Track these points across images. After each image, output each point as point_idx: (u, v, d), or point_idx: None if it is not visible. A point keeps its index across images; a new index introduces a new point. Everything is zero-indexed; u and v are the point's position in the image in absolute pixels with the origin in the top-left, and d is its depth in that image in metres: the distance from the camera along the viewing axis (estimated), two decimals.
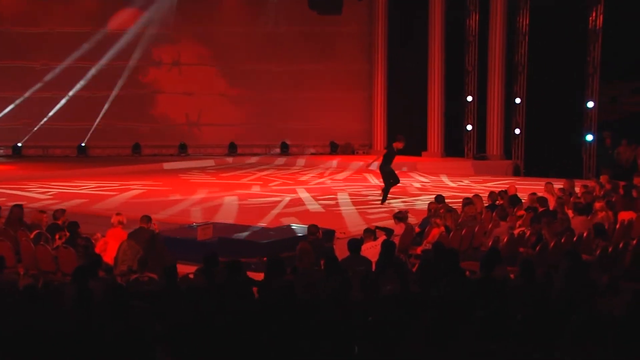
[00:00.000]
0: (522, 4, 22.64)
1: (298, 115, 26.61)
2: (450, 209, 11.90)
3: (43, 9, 25.41)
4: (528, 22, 22.63)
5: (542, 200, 12.09)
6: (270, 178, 20.20)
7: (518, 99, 22.89)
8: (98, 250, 9.62)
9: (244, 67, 26.29)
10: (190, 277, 8.13)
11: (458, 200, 13.32)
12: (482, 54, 23.68)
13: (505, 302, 6.20)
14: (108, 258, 9.52)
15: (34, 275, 9.58)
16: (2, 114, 25.26)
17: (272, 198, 16.19)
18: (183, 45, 26.27)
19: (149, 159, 24.76)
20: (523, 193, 14.36)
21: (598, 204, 11.68)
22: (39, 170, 21.17)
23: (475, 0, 23.78)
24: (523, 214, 12.06)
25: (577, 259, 7.54)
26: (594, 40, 21.30)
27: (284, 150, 26.67)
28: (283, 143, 26.74)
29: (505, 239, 9.99)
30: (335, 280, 7.14)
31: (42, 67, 25.36)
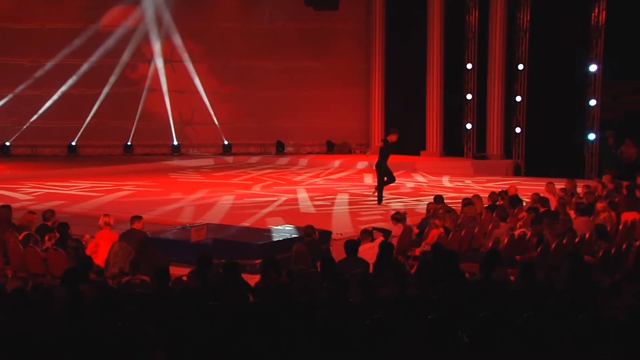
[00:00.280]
0: (522, 0, 22.67)
1: (294, 114, 26.62)
2: (450, 210, 11.91)
3: (32, 4, 25.36)
4: (529, 18, 22.66)
5: (543, 201, 12.10)
6: (263, 178, 20.16)
7: (519, 97, 22.92)
8: (89, 252, 9.61)
9: (239, 64, 26.29)
10: (184, 279, 8.13)
11: (457, 201, 13.33)
12: (482, 51, 23.71)
13: (505, 304, 6.20)
14: (99, 260, 9.51)
15: (23, 278, 9.56)
16: None
17: (268, 198, 16.19)
18: (176, 42, 26.22)
19: (141, 159, 24.73)
20: (524, 193, 14.38)
21: (600, 205, 11.70)
22: (28, 170, 21.11)
23: None
24: (524, 215, 12.08)
25: (578, 261, 7.55)
26: (597, 37, 21.34)
27: (280, 150, 26.67)
28: (279, 142, 26.74)
29: (506, 240, 10.00)
30: (332, 283, 7.14)
31: (30, 63, 25.33)
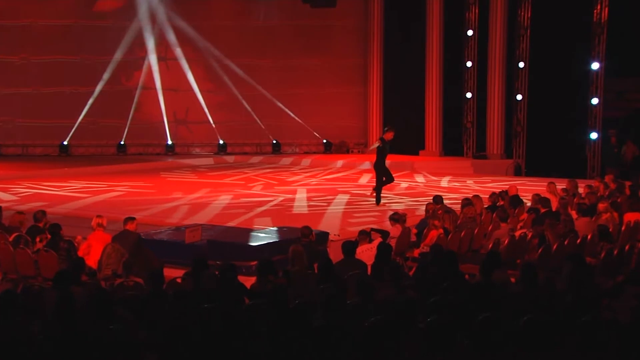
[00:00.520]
0: None
1: (290, 113, 26.60)
2: (449, 210, 11.92)
3: (22, 0, 25.29)
4: (530, 15, 22.69)
5: (544, 201, 12.11)
6: (258, 178, 20.13)
7: (519, 96, 22.95)
8: (81, 254, 9.59)
9: (234, 62, 26.25)
10: (178, 281, 8.13)
11: (456, 201, 13.34)
12: (482, 49, 23.73)
13: (506, 307, 6.21)
14: (91, 262, 9.50)
15: (13, 280, 9.55)
16: None
17: (265, 198, 16.20)
18: (171, 39, 26.18)
19: (135, 159, 24.70)
20: (524, 194, 14.39)
21: (602, 205, 11.71)
22: (18, 170, 21.06)
23: None
24: (525, 216, 12.10)
25: (580, 262, 7.56)
26: (599, 34, 21.37)
27: (276, 150, 26.66)
28: (275, 142, 26.73)
29: (506, 242, 10.01)
30: (329, 284, 7.15)
31: (21, 61, 25.27)
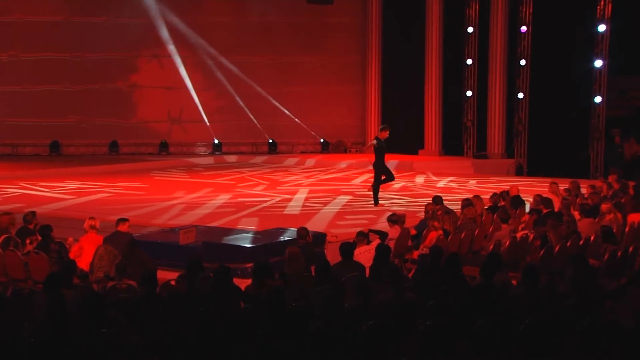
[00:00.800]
0: None
1: (287, 111, 26.61)
2: (449, 211, 11.93)
3: None
4: (531, 11, 22.71)
5: (546, 202, 12.13)
6: (251, 178, 20.12)
7: (521, 94, 22.97)
8: (72, 256, 9.58)
9: (229, 59, 26.25)
10: (172, 283, 8.13)
11: (456, 202, 13.35)
12: (482, 46, 23.76)
13: (507, 310, 6.22)
14: (83, 264, 9.48)
15: (3, 283, 9.52)
16: None
17: (261, 199, 16.23)
18: (165, 37, 26.16)
19: (127, 158, 24.68)
20: (526, 194, 14.41)
21: (606, 206, 11.73)
22: (7, 170, 21.02)
23: None
24: (526, 217, 12.11)
25: (583, 264, 7.58)
26: (602, 31, 21.38)
27: (272, 149, 26.67)
28: (271, 141, 26.74)
29: (507, 243, 10.02)
30: (327, 287, 7.15)
31: (10, 58, 25.23)
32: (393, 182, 15.95)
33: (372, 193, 15.15)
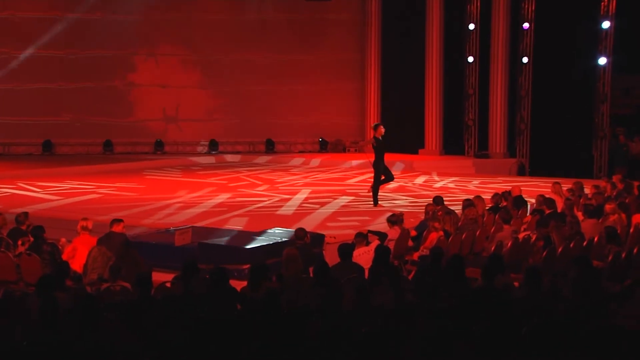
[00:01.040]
0: None
1: (284, 110, 26.62)
2: (450, 212, 11.92)
3: None
4: (534, 8, 22.72)
5: (549, 202, 12.13)
6: (246, 178, 20.11)
7: (523, 92, 22.98)
8: (65, 257, 9.57)
9: (226, 57, 26.27)
10: (167, 285, 8.12)
11: (457, 203, 13.34)
12: (484, 43, 23.76)
13: (509, 312, 6.22)
14: (76, 266, 9.47)
15: None
16: None
17: (258, 199, 16.24)
18: (160, 34, 26.17)
19: (122, 158, 24.67)
20: (528, 194, 14.41)
21: (610, 206, 11.72)
22: None
23: None
24: (529, 217, 12.11)
25: (587, 266, 7.57)
26: (606, 28, 21.38)
27: (269, 148, 26.67)
28: (268, 140, 26.74)
29: (509, 244, 10.02)
30: (325, 289, 7.14)
31: (2, 56, 25.21)
32: (392, 182, 15.93)
33: (371, 194, 15.15)
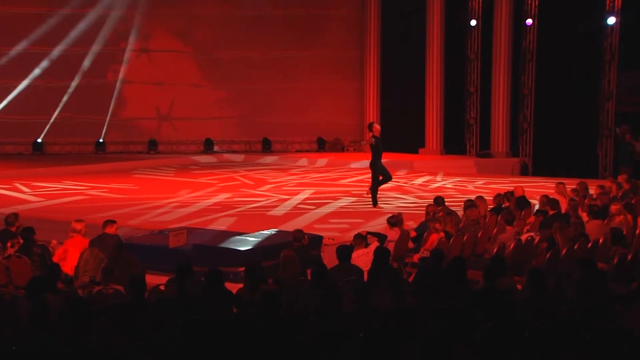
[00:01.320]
0: None
1: (281, 109, 26.62)
2: (451, 212, 11.92)
3: None
4: (537, 3, 22.74)
5: (552, 203, 12.13)
6: (239, 178, 20.11)
7: (526, 90, 23.00)
8: (56, 260, 9.57)
9: (222, 54, 26.26)
10: (161, 288, 8.12)
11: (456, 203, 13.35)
12: (486, 40, 23.78)
13: (512, 315, 6.22)
14: (68, 268, 9.47)
15: None
16: None
17: (255, 199, 16.27)
18: (153, 29, 26.16)
19: (114, 157, 24.66)
20: (532, 195, 14.42)
21: (615, 207, 11.72)
22: None
23: None
24: (532, 218, 12.12)
25: (592, 268, 7.58)
26: (612, 24, 21.41)
27: (266, 148, 26.68)
28: (265, 139, 26.74)
29: (512, 246, 10.03)
30: (323, 291, 7.15)
31: None
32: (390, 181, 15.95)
33: (370, 195, 15.17)
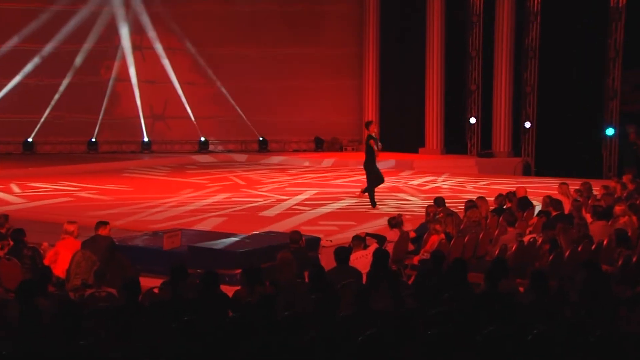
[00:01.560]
0: None
1: (278, 107, 26.61)
2: (451, 213, 11.93)
3: None
4: (540, 0, 22.75)
5: (555, 203, 12.15)
6: (235, 179, 20.12)
7: (528, 88, 23.02)
8: (47, 262, 9.56)
9: (217, 51, 26.23)
10: (155, 291, 8.12)
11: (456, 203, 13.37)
12: (487, 38, 23.79)
13: (514, 318, 6.23)
14: (59, 271, 9.47)
15: None
16: None
17: (253, 199, 16.28)
18: (146, 26, 26.12)
19: (107, 157, 24.65)
20: (534, 195, 14.43)
21: (620, 208, 11.73)
22: None
23: None
24: (534, 219, 12.13)
25: (596, 270, 7.59)
26: (616, 20, 21.44)
27: (263, 147, 26.68)
28: (261, 139, 26.74)
29: (514, 247, 10.04)
30: (321, 294, 7.15)
31: None
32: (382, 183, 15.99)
33: (368, 196, 15.22)
